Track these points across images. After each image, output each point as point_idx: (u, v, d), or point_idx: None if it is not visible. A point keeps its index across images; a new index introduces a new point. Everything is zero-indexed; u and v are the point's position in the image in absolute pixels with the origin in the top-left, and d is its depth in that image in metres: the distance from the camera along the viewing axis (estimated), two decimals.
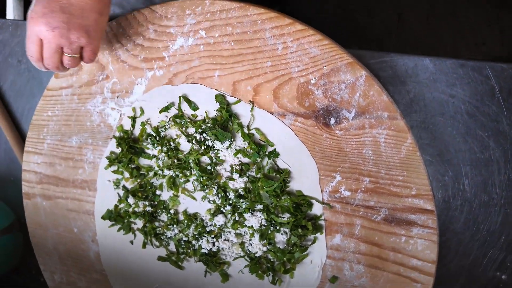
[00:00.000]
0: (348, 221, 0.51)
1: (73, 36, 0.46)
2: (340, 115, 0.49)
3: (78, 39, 0.47)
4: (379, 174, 0.49)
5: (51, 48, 0.47)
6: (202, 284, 0.59)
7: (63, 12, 0.45)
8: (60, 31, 0.45)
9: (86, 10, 0.46)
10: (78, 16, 0.45)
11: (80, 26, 0.46)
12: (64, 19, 0.45)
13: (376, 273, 0.51)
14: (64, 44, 0.47)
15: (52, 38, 0.46)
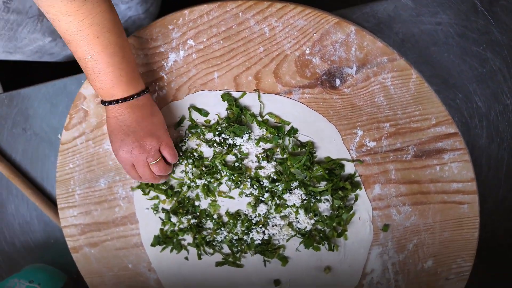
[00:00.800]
0: (382, 169, 0.53)
1: (147, 145, 0.52)
2: (343, 74, 0.51)
3: (151, 145, 0.52)
4: (397, 115, 0.51)
5: (140, 166, 0.53)
6: (264, 275, 0.61)
7: (127, 135, 0.51)
8: (136, 150, 0.51)
9: (147, 119, 0.52)
10: (139, 130, 0.51)
11: (146, 134, 0.51)
12: (132, 139, 0.51)
13: (423, 208, 0.53)
14: (146, 156, 0.52)
15: (136, 158, 0.52)
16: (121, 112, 0.50)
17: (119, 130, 0.51)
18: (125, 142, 0.51)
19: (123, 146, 0.51)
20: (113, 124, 0.51)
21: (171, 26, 0.55)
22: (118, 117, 0.51)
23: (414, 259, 0.55)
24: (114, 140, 0.52)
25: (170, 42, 0.55)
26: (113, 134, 0.52)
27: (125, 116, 0.50)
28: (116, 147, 0.52)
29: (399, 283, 0.56)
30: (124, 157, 0.52)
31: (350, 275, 0.58)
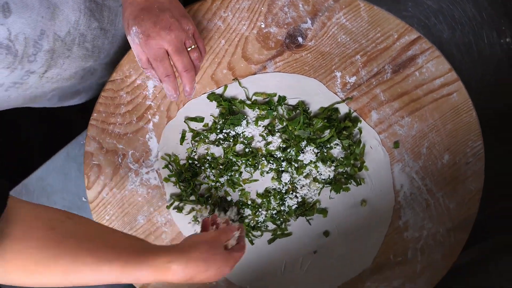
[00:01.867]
0: (370, 96, 0.58)
1: (184, 24, 0.45)
2: (302, 30, 0.55)
3: (188, 26, 0.45)
4: (362, 45, 0.55)
5: (178, 49, 0.45)
6: (312, 232, 0.66)
7: (163, 11, 0.43)
8: (175, 27, 0.44)
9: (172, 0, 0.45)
10: (173, 8, 0.44)
11: (181, 14, 0.45)
12: (169, 15, 0.43)
13: (420, 113, 0.58)
14: (184, 37, 0.45)
15: (175, 38, 0.44)
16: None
17: (152, 7, 0.43)
18: (161, 19, 0.43)
19: (159, 23, 0.43)
20: (142, 2, 0.44)
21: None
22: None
23: (432, 160, 0.60)
24: (145, 20, 0.43)
25: (143, 72, 0.59)
26: (142, 14, 0.44)
27: None
28: (148, 28, 0.43)
29: (429, 186, 0.61)
30: (162, 36, 0.44)
31: (384, 199, 0.63)
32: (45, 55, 0.46)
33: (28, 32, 0.42)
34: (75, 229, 0.39)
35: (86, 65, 0.56)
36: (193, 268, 0.42)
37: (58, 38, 0.46)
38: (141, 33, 0.45)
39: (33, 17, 0.42)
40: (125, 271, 0.39)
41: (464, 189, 0.61)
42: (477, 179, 0.60)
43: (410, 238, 0.64)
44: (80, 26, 0.49)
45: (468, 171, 0.60)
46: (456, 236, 0.64)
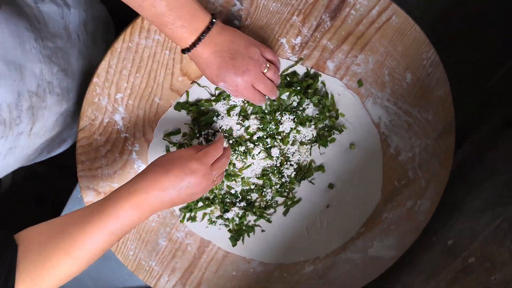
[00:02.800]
0: (320, 49, 0.60)
1: (254, 55, 0.51)
2: (235, 13, 0.56)
3: (256, 53, 0.51)
4: (294, 5, 0.57)
5: (260, 80, 0.52)
6: (318, 189, 0.69)
7: (234, 57, 0.49)
8: (251, 65, 0.50)
9: (236, 36, 0.51)
10: (239, 46, 0.50)
11: (245, 47, 0.50)
12: (241, 58, 0.50)
13: (370, 47, 0.60)
14: (259, 66, 0.51)
15: (254, 74, 0.51)
16: (215, 41, 0.48)
17: (224, 61, 0.49)
18: (238, 66, 0.49)
19: (239, 71, 0.50)
20: (214, 60, 0.49)
21: (96, 99, 0.60)
22: (215, 48, 0.49)
23: (396, 83, 0.63)
24: (226, 74, 0.50)
25: (106, 110, 0.61)
26: (220, 71, 0.50)
27: (220, 41, 0.49)
28: (233, 79, 0.50)
29: (403, 108, 0.65)
30: (246, 81, 0.50)
31: (369, 135, 0.66)
32: (27, 113, 0.49)
33: (9, 98, 0.45)
34: (54, 222, 0.45)
35: (62, 109, 0.59)
36: (159, 173, 0.47)
37: (32, 94, 0.50)
38: (229, 86, 0.52)
39: (8, 83, 0.45)
40: (107, 220, 0.44)
41: (435, 97, 0.64)
42: (442, 84, 0.64)
43: (405, 160, 0.68)
44: (45, 75, 0.52)
45: (432, 80, 0.63)
46: (444, 142, 0.68)
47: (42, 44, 0.52)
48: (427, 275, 0.72)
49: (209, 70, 0.51)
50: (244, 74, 0.50)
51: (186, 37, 0.48)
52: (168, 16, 0.46)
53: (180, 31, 0.47)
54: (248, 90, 0.52)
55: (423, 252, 0.76)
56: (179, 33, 0.47)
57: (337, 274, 0.75)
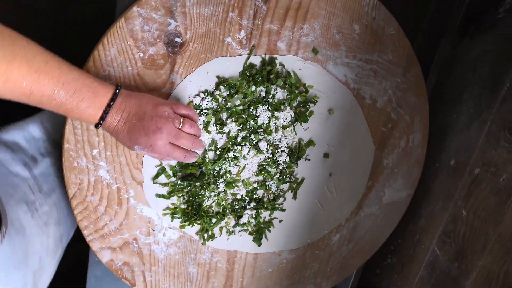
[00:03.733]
0: (266, 34, 0.60)
1: (164, 113, 0.51)
2: (173, 32, 0.56)
3: (166, 111, 0.51)
4: (225, 3, 0.57)
5: (177, 136, 0.52)
6: (316, 163, 0.70)
7: (142, 119, 0.50)
8: (162, 122, 0.50)
9: (143, 99, 0.51)
10: (146, 107, 0.51)
11: (154, 107, 0.51)
12: (149, 119, 0.50)
13: (311, 14, 0.61)
14: (171, 123, 0.51)
15: (168, 131, 0.51)
16: (122, 109, 0.49)
17: (132, 124, 0.50)
18: (147, 126, 0.50)
19: (150, 131, 0.50)
20: (124, 126, 0.50)
21: (74, 163, 0.59)
22: (123, 115, 0.50)
23: (348, 38, 0.64)
24: (137, 136, 0.50)
25: (88, 169, 0.60)
26: (131, 135, 0.50)
27: (128, 108, 0.50)
28: (145, 140, 0.50)
29: (363, 58, 0.66)
30: (159, 139, 0.50)
31: (342, 95, 0.67)
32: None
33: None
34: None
35: (57, 234, 0.65)
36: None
37: (42, 257, 0.58)
38: (144, 148, 0.52)
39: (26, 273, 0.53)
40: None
41: (388, 37, 0.66)
42: (390, 22, 0.65)
43: (384, 105, 0.70)
44: (44, 244, 0.59)
45: (379, 23, 0.65)
46: (412, 74, 0.69)
47: (38, 214, 0.57)
48: (443, 200, 0.74)
49: (121, 136, 0.51)
50: (155, 133, 0.50)
51: (94, 113, 0.49)
52: (70, 103, 0.46)
53: (86, 112, 0.48)
54: (166, 148, 0.52)
55: (432, 181, 0.78)
56: (86, 114, 0.48)
57: (363, 231, 0.77)
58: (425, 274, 0.75)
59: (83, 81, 0.46)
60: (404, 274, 0.79)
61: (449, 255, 0.71)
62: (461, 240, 0.69)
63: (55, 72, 0.44)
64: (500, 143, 0.65)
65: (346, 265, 0.79)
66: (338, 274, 0.80)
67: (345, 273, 0.80)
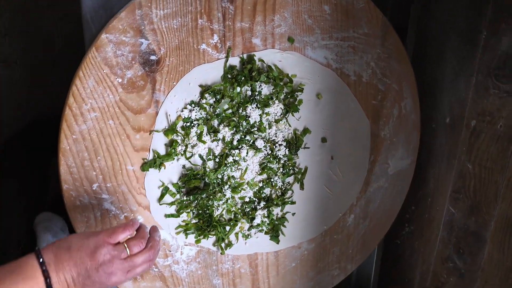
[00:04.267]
0: (239, 33, 0.60)
1: (102, 257, 0.46)
2: (146, 50, 0.56)
3: (106, 255, 0.47)
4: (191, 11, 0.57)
5: (127, 265, 0.48)
6: (315, 150, 0.70)
7: (85, 275, 0.45)
8: (106, 267, 0.46)
9: (73, 250, 0.46)
10: (83, 258, 0.46)
11: (89, 255, 0.46)
12: (93, 268, 0.46)
13: (278, 4, 0.61)
14: (119, 260, 0.47)
15: (117, 268, 0.47)
16: (62, 274, 0.45)
17: (84, 285, 0.46)
18: (99, 279, 0.46)
19: (104, 280, 0.47)
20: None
21: (77, 202, 0.58)
22: (69, 281, 0.45)
23: (321, 20, 0.64)
24: (90, 284, 0.47)
25: (92, 205, 0.59)
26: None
27: (67, 275, 0.45)
28: (101, 283, 0.47)
29: (339, 36, 0.65)
30: (117, 278, 0.47)
31: (328, 78, 0.67)
32: None
33: None
34: None
35: None
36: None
37: None
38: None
39: None
40: None
41: (359, 10, 0.65)
42: None
43: (369, 78, 0.70)
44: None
45: None
46: (390, 42, 0.69)
47: None
48: (447, 158, 0.75)
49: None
50: (110, 278, 0.47)
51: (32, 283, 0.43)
52: None
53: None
54: (128, 277, 0.49)
55: (432, 143, 0.78)
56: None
57: (375, 205, 0.78)
58: (445, 235, 0.75)
59: None
60: (424, 239, 0.80)
61: (464, 211, 0.71)
62: (473, 194, 0.69)
63: None
64: (490, 91, 0.65)
65: (366, 243, 0.80)
66: (360, 253, 0.80)
67: (367, 251, 0.80)
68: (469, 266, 0.69)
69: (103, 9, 0.57)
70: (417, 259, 0.81)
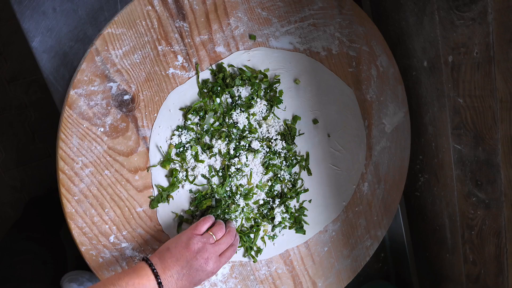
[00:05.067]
0: (201, 46, 0.60)
1: (196, 246, 0.54)
2: (118, 92, 0.55)
3: (198, 243, 0.54)
4: (149, 41, 0.56)
5: (216, 249, 0.56)
6: (311, 133, 0.70)
7: (187, 266, 0.53)
8: (206, 255, 0.54)
9: (171, 249, 0.54)
10: (182, 252, 0.53)
11: (185, 248, 0.54)
12: (192, 258, 0.53)
13: (229, 6, 0.61)
14: (209, 245, 0.55)
15: (210, 255, 0.55)
16: (169, 276, 0.52)
17: (188, 276, 0.53)
18: (199, 266, 0.53)
19: (203, 267, 0.54)
20: (185, 284, 0.53)
21: (99, 259, 0.58)
22: (177, 280, 0.52)
23: (274, 8, 0.64)
24: (200, 278, 0.54)
25: (115, 257, 0.59)
26: (195, 280, 0.54)
27: (172, 271, 0.52)
28: (206, 274, 0.55)
29: (293, 18, 0.66)
30: (213, 263, 0.55)
31: (298, 61, 0.67)
32: None
33: None
34: None
35: None
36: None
37: None
38: (209, 277, 0.56)
39: None
40: None
41: None
42: None
43: (339, 49, 0.70)
44: None
45: None
46: (347, 8, 0.70)
47: None
48: (437, 99, 0.75)
49: None
50: (208, 263, 0.54)
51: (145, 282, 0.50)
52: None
53: None
54: (220, 261, 0.56)
55: (419, 90, 0.79)
56: None
57: (385, 166, 0.78)
58: (459, 172, 0.75)
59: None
60: (441, 183, 0.80)
61: (469, 144, 0.72)
62: (472, 126, 0.70)
63: None
64: (455, 23, 0.66)
65: (388, 205, 0.80)
66: (386, 216, 0.80)
67: (391, 213, 0.81)
68: (491, 195, 0.70)
69: (63, 66, 0.56)
70: (440, 205, 0.82)
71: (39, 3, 0.54)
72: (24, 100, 1.18)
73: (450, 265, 0.84)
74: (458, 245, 0.80)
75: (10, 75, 1.17)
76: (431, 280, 0.91)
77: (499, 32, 0.59)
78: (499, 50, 0.60)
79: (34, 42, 0.55)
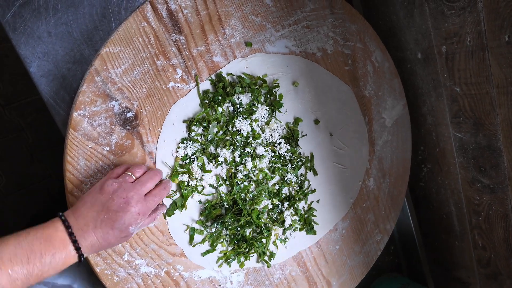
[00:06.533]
0: (199, 57, 0.60)
1: (111, 186, 0.48)
2: (120, 110, 0.55)
3: (113, 183, 0.49)
4: (145, 55, 0.56)
5: (141, 186, 0.50)
6: (313, 135, 0.71)
7: (104, 210, 0.47)
8: (125, 194, 0.48)
9: (87, 199, 0.48)
10: (94, 199, 0.48)
11: (99, 191, 0.48)
12: (107, 200, 0.47)
13: (223, 16, 0.61)
14: (127, 183, 0.49)
15: (131, 194, 0.48)
16: (82, 223, 0.46)
17: (107, 220, 0.47)
18: (118, 207, 0.47)
19: (124, 206, 0.47)
20: (103, 230, 0.47)
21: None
22: (90, 226, 0.46)
23: (267, 14, 0.64)
24: (122, 222, 0.47)
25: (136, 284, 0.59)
26: (116, 225, 0.47)
27: (86, 218, 0.46)
28: (130, 216, 0.48)
29: (287, 22, 0.66)
30: (136, 203, 0.48)
31: (295, 64, 0.67)
32: None
33: None
34: None
35: None
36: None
37: None
38: (137, 222, 0.49)
39: None
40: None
41: None
42: None
43: (333, 48, 0.71)
44: None
45: None
46: (338, 7, 0.70)
47: None
48: (434, 90, 0.76)
49: (111, 237, 0.47)
50: (130, 203, 0.47)
51: (66, 253, 0.44)
52: (38, 268, 0.42)
53: (59, 258, 0.44)
54: (148, 202, 0.50)
55: (415, 81, 0.80)
56: (60, 260, 0.44)
57: (388, 161, 0.79)
58: (462, 160, 0.76)
59: (27, 242, 0.43)
60: (445, 172, 0.81)
61: (470, 131, 0.72)
62: (471, 113, 0.71)
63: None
64: (446, 13, 0.67)
65: (395, 198, 0.80)
66: (393, 209, 0.81)
67: (398, 205, 0.81)
68: (495, 180, 0.71)
69: (63, 89, 0.56)
70: (445, 193, 0.83)
71: (33, 28, 0.54)
72: (20, 122, 1.17)
73: (460, 252, 0.85)
74: (467, 232, 0.81)
75: (4, 99, 1.17)
76: (442, 268, 0.92)
77: (490, 18, 0.60)
78: (492, 37, 0.61)
79: (32, 67, 0.55)
